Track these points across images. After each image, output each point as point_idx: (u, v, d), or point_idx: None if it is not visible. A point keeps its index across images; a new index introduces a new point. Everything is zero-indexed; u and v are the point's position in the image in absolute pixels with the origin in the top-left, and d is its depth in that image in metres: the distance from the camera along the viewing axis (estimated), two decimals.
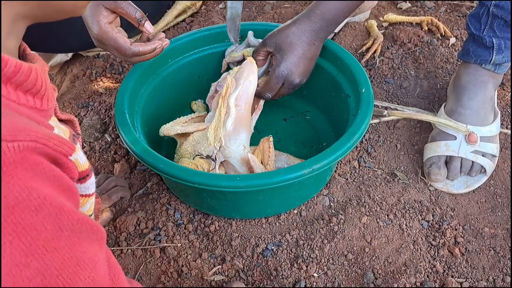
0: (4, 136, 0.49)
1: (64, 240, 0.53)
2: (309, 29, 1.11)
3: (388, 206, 1.16)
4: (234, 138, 1.08)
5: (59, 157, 0.55)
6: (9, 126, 0.50)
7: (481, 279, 1.06)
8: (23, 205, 0.50)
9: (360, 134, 1.03)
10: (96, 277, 0.57)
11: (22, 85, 0.56)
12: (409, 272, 1.06)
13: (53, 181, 0.53)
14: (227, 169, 1.10)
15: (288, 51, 1.11)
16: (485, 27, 1.14)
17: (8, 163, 0.49)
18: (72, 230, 0.54)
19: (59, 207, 0.53)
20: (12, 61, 0.54)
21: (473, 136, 1.18)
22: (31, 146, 0.51)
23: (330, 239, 1.10)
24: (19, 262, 0.50)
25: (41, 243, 0.51)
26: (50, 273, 0.52)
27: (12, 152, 0.49)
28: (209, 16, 1.68)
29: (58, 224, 0.52)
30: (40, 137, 0.52)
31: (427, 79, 1.45)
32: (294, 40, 1.10)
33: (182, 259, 1.08)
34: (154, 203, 1.17)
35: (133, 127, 1.07)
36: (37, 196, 0.51)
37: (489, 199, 1.20)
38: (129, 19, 1.01)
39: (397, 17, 1.63)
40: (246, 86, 1.09)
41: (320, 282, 1.05)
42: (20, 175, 0.50)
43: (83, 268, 0.55)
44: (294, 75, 1.12)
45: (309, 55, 1.13)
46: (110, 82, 1.50)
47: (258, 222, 1.14)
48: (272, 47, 1.13)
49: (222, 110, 1.08)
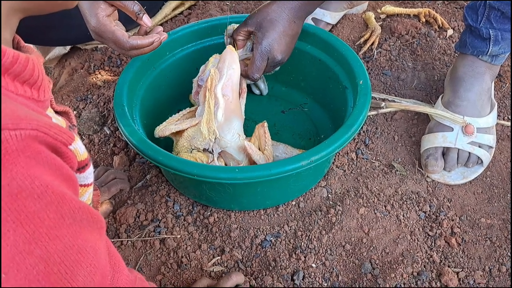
0: (6, 125, 0.49)
1: (66, 228, 0.54)
2: (289, 6, 1.10)
3: (386, 197, 1.17)
4: (227, 127, 1.09)
5: (59, 146, 0.55)
6: (11, 115, 0.50)
7: (477, 269, 1.07)
8: (26, 193, 0.50)
9: (357, 126, 1.04)
10: (98, 264, 0.58)
11: (20, 75, 0.56)
12: (406, 262, 1.07)
13: (54, 170, 0.54)
14: (226, 159, 1.10)
15: (269, 28, 1.10)
16: (482, 19, 1.14)
17: (10, 151, 0.49)
18: (73, 219, 0.54)
19: (61, 195, 0.53)
20: (9, 51, 0.55)
21: (469, 127, 1.19)
22: (33, 134, 0.51)
23: (328, 230, 1.11)
24: (22, 249, 0.51)
25: (44, 231, 0.52)
26: (53, 261, 0.53)
27: (14, 140, 0.49)
28: (206, 9, 1.68)
29: (60, 212, 0.53)
30: (41, 125, 0.52)
31: (424, 70, 1.45)
32: (274, 17, 1.10)
33: (182, 250, 1.09)
34: (153, 195, 1.18)
35: (132, 119, 1.07)
36: (39, 184, 0.51)
37: (486, 190, 1.21)
38: (127, 12, 1.01)
39: (395, 9, 1.63)
40: (230, 75, 1.10)
41: (318, 272, 1.06)
42: (23, 163, 0.50)
43: (85, 256, 0.56)
44: (276, 52, 1.12)
45: (290, 32, 1.12)
46: (108, 75, 1.50)
47: (256, 214, 1.15)
48: (253, 26, 1.12)
49: (210, 102, 1.08)
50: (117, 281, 0.63)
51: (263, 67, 1.13)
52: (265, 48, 1.11)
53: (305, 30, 1.21)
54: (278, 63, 1.14)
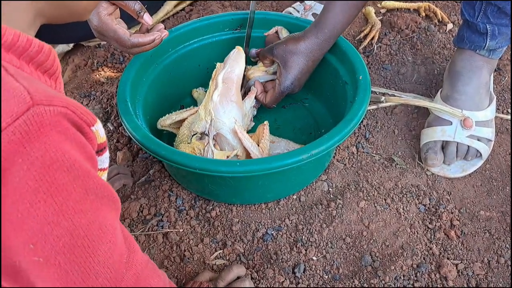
0: (41, 100, 0.52)
1: (90, 204, 0.56)
2: (317, 48, 1.17)
3: (386, 191, 1.19)
4: (223, 109, 1.12)
5: (83, 127, 0.57)
6: (43, 93, 0.53)
7: (476, 261, 1.08)
8: (57, 165, 0.53)
9: (357, 120, 1.05)
10: (116, 242, 0.60)
11: (42, 65, 0.59)
12: (406, 254, 1.08)
13: (80, 147, 0.56)
14: (221, 144, 1.12)
15: (293, 68, 1.17)
16: (479, 14, 1.15)
17: (45, 125, 0.52)
18: (96, 195, 0.57)
19: (86, 171, 0.55)
20: (35, 40, 0.58)
21: (468, 121, 1.20)
22: (63, 111, 0.53)
23: (328, 223, 1.13)
24: (51, 220, 0.53)
25: (70, 204, 0.54)
26: (77, 234, 0.55)
27: (48, 115, 0.52)
28: (208, 5, 1.69)
29: (85, 187, 0.55)
30: (70, 104, 0.55)
31: (424, 65, 1.46)
32: (301, 58, 1.17)
33: (184, 244, 1.11)
34: (156, 190, 1.20)
35: (135, 115, 1.09)
36: (68, 158, 0.53)
37: (485, 183, 1.22)
38: (128, 11, 1.03)
39: (395, 3, 1.64)
40: (232, 66, 1.16)
41: (319, 265, 1.07)
42: (56, 136, 0.53)
43: (105, 232, 0.58)
44: (295, 88, 1.21)
45: (310, 71, 1.21)
46: (111, 72, 1.52)
47: (258, 208, 1.16)
48: (278, 58, 1.19)
49: (211, 89, 1.14)
50: (132, 260, 0.65)
51: (281, 99, 1.23)
52: (288, 88, 1.19)
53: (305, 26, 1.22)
54: (291, 93, 1.22)
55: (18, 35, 0.55)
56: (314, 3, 1.58)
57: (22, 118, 0.50)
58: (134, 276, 0.65)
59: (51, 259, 0.54)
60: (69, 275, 0.56)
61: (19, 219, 0.52)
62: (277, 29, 1.30)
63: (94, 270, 0.58)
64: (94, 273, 0.58)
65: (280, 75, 1.19)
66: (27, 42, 0.56)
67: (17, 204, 0.52)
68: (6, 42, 0.55)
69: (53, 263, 0.55)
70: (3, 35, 0.54)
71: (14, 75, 0.52)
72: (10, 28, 0.55)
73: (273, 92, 1.22)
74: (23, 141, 0.50)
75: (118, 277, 0.61)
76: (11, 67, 0.54)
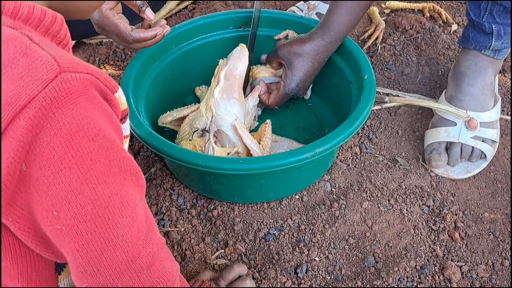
0: (67, 68, 0.52)
1: (113, 176, 0.56)
2: (323, 50, 1.17)
3: (389, 192, 1.18)
4: (224, 105, 1.11)
5: (107, 93, 0.57)
6: (69, 60, 0.53)
7: (480, 263, 1.07)
8: (83, 133, 0.53)
9: (362, 120, 1.04)
10: (136, 217, 0.60)
11: (57, 36, 0.60)
12: (409, 256, 1.07)
13: (106, 116, 0.56)
14: (222, 141, 1.11)
15: (298, 70, 1.17)
16: (485, 13, 1.14)
17: (72, 92, 0.52)
18: (119, 168, 0.57)
19: (111, 141, 0.55)
20: (49, 11, 0.58)
21: (473, 122, 1.19)
22: (89, 78, 0.54)
23: (331, 223, 1.12)
24: (75, 188, 0.53)
25: (94, 174, 0.54)
26: (99, 204, 0.55)
27: (75, 82, 0.52)
28: (211, 3, 1.69)
29: (108, 158, 0.55)
30: (94, 71, 0.55)
31: (428, 65, 1.45)
32: (306, 60, 1.16)
33: (186, 243, 1.10)
34: (157, 188, 1.19)
35: (138, 112, 1.08)
36: (94, 126, 0.53)
37: (489, 184, 1.21)
38: (130, 5, 1.02)
39: (399, 3, 1.63)
40: (235, 62, 1.15)
41: (322, 265, 1.06)
42: (83, 104, 0.53)
43: (126, 206, 0.58)
44: (300, 90, 1.21)
45: (316, 73, 1.20)
46: (113, 69, 1.51)
47: (260, 207, 1.15)
48: (283, 59, 1.18)
49: (213, 85, 1.14)
50: (150, 239, 0.64)
51: (284, 101, 1.23)
52: (293, 90, 1.19)
53: (311, 26, 1.22)
54: (295, 95, 1.22)
55: (32, 6, 0.56)
56: (318, 2, 1.57)
57: (51, 84, 0.51)
58: (150, 253, 0.64)
59: (73, 228, 0.55)
60: (89, 245, 0.56)
61: (44, 184, 0.53)
62: (287, 32, 1.29)
63: (113, 242, 0.58)
64: (112, 246, 0.58)
65: (286, 76, 1.18)
66: (42, 13, 0.57)
67: (44, 169, 0.52)
68: (23, 14, 0.55)
69: (74, 232, 0.55)
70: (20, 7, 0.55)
71: (39, 44, 0.53)
72: (24, 1, 0.55)
73: (277, 94, 1.21)
74: (53, 107, 0.51)
75: (135, 252, 0.61)
76: (35, 36, 0.54)
